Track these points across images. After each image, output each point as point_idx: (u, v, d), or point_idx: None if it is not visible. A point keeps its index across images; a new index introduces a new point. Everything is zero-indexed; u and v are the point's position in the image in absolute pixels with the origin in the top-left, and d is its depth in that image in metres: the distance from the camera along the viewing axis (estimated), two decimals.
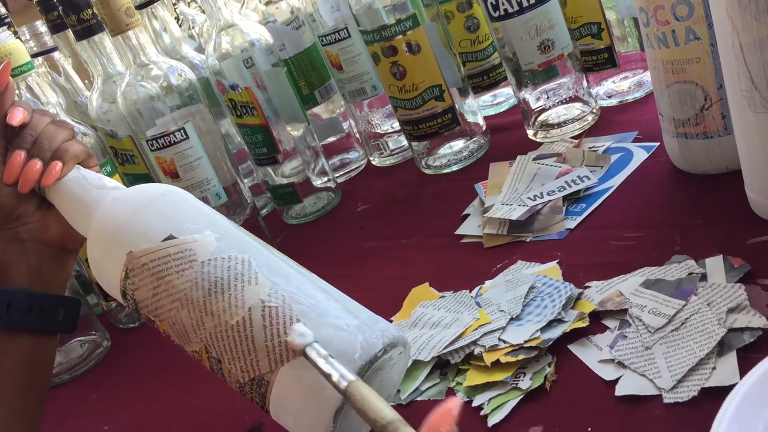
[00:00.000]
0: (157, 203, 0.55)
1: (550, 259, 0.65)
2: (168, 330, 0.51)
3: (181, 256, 0.52)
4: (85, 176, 0.59)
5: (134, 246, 0.52)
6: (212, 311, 0.49)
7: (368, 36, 0.86)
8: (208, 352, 0.50)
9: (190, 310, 0.50)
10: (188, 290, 0.50)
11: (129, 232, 0.53)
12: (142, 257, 0.52)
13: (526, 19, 0.81)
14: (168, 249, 0.52)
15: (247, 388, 0.49)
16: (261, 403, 0.49)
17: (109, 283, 0.55)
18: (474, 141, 0.92)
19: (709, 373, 0.47)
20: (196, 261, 0.51)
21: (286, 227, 0.96)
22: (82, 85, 1.02)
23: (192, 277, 0.51)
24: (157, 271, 0.52)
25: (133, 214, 0.54)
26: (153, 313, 0.52)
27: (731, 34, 0.53)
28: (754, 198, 0.60)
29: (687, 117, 0.66)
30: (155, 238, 0.53)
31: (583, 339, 0.55)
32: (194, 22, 1.13)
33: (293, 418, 0.48)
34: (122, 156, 0.93)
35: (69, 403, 0.79)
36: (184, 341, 0.51)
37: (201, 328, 0.50)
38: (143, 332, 0.88)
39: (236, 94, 0.88)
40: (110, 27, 0.80)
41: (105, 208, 0.56)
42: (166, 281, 0.51)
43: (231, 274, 0.51)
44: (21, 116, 0.58)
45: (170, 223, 0.54)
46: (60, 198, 0.58)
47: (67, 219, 0.59)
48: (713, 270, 0.55)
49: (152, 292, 0.51)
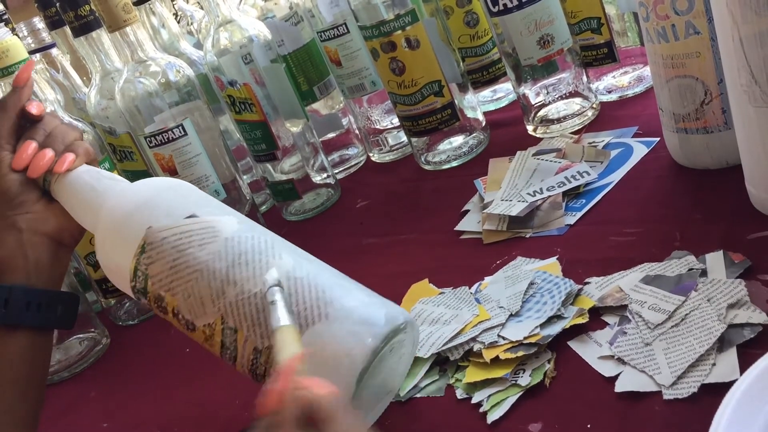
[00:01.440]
0: (177, 188, 0.58)
1: (550, 255, 0.65)
2: (180, 305, 0.52)
3: (204, 232, 0.53)
4: (97, 170, 0.61)
5: (155, 222, 0.54)
6: (235, 280, 0.50)
7: (367, 31, 0.86)
8: (224, 322, 0.50)
9: (210, 280, 0.51)
10: (210, 261, 0.51)
11: (150, 209, 0.55)
12: (163, 231, 0.53)
13: (526, 14, 0.81)
14: (191, 226, 0.53)
15: (263, 359, 0.49)
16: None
17: (118, 263, 0.55)
18: (473, 137, 0.91)
19: (709, 370, 0.47)
20: (220, 236, 0.53)
21: (285, 224, 0.96)
22: (80, 81, 1.02)
23: (215, 249, 0.52)
24: (178, 245, 0.52)
25: (156, 194, 0.56)
26: (166, 287, 0.52)
27: (731, 28, 0.53)
28: (754, 193, 0.59)
29: (687, 112, 0.66)
30: (178, 215, 0.54)
31: (582, 335, 0.55)
32: (192, 18, 1.13)
33: None
34: (120, 153, 0.92)
35: (68, 400, 0.79)
36: (197, 314, 0.51)
37: (221, 298, 0.50)
38: (142, 329, 0.88)
39: (235, 90, 0.87)
40: (108, 23, 0.80)
41: (124, 189, 0.58)
42: (186, 253, 0.52)
43: (255, 249, 0.52)
44: (38, 108, 0.62)
45: (192, 204, 0.56)
46: (68, 188, 0.60)
47: (71, 210, 0.60)
48: (713, 265, 0.55)
49: (170, 265, 0.52)
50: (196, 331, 0.52)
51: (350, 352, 0.47)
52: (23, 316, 0.57)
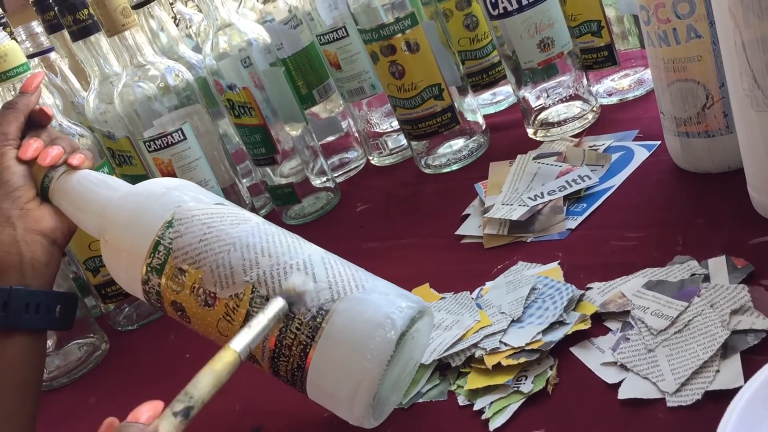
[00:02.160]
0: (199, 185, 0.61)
1: (551, 260, 0.65)
2: (204, 277, 0.52)
3: (235, 216, 0.56)
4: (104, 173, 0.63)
5: (183, 204, 0.56)
6: (270, 253, 0.53)
7: (367, 35, 0.85)
8: (255, 291, 0.51)
9: (244, 252, 0.52)
10: (244, 237, 0.53)
11: (179, 193, 0.57)
12: (194, 210, 0.55)
13: (526, 17, 0.81)
14: (222, 209, 0.56)
15: (295, 324, 0.50)
16: (308, 340, 0.50)
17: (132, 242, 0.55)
18: (473, 140, 0.91)
19: (712, 376, 0.47)
20: (251, 221, 0.56)
21: (285, 228, 0.95)
22: (79, 86, 1.02)
23: (248, 229, 0.54)
24: (209, 222, 0.54)
25: (182, 183, 0.59)
26: (192, 259, 0.53)
27: (733, 32, 0.53)
28: (756, 197, 0.59)
29: (688, 116, 0.65)
30: (207, 201, 0.57)
31: (585, 341, 0.55)
32: (191, 22, 1.13)
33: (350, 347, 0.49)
34: (119, 157, 0.92)
35: (67, 406, 0.79)
36: (223, 285, 0.52)
37: (254, 267, 0.52)
38: (142, 335, 0.88)
39: (234, 94, 0.87)
40: (106, 27, 0.80)
41: (145, 183, 0.60)
42: (218, 229, 0.54)
43: (286, 234, 0.56)
44: (49, 111, 0.64)
45: (217, 197, 0.59)
46: (75, 186, 0.61)
47: (73, 207, 0.61)
48: (716, 271, 0.55)
49: (199, 238, 0.53)
50: (215, 306, 0.52)
51: (391, 315, 0.49)
52: (22, 319, 0.57)
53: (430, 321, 0.55)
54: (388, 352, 0.48)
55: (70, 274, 0.90)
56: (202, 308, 0.53)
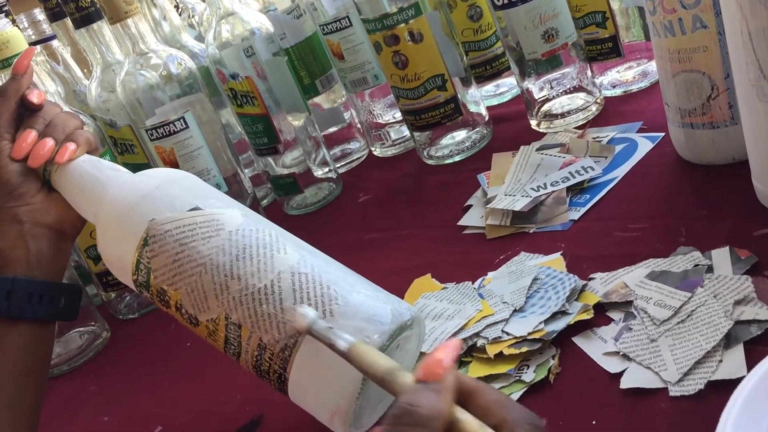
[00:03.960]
0: (181, 180, 0.57)
1: (554, 251, 0.65)
2: (183, 299, 0.51)
3: (207, 225, 0.52)
4: (98, 159, 0.60)
5: (157, 215, 0.53)
6: (239, 275, 0.49)
7: (370, 25, 0.85)
8: (228, 318, 0.49)
9: (214, 275, 0.50)
10: (214, 255, 0.50)
11: (153, 201, 0.54)
12: (166, 224, 0.52)
13: (530, 7, 0.80)
14: (194, 218, 0.52)
15: (267, 354, 0.48)
16: (281, 370, 0.48)
17: (120, 255, 0.54)
18: (476, 131, 0.91)
19: (715, 366, 0.47)
20: (224, 230, 0.52)
21: (286, 218, 0.95)
22: (81, 74, 1.01)
23: (219, 243, 0.51)
24: (181, 238, 0.51)
25: (158, 186, 0.55)
26: (169, 281, 0.51)
27: (740, 22, 0.52)
28: (761, 189, 0.59)
29: (693, 107, 0.65)
30: (181, 208, 0.53)
31: (587, 331, 0.54)
32: (194, 11, 1.12)
33: (318, 382, 0.48)
34: (121, 145, 0.92)
35: (68, 394, 0.79)
36: (200, 309, 0.50)
37: (224, 293, 0.49)
38: (143, 323, 0.88)
39: (236, 83, 0.87)
40: (109, 15, 0.79)
41: (126, 181, 0.57)
42: (190, 247, 0.51)
43: (260, 243, 0.51)
44: (39, 97, 0.60)
45: (196, 196, 0.55)
46: (69, 178, 0.59)
47: (72, 200, 0.59)
48: (719, 262, 0.55)
49: (173, 258, 0.51)
50: (199, 326, 0.51)
51: None
52: (26, 309, 0.57)
53: (417, 330, 0.52)
54: (355, 388, 0.47)
55: (71, 262, 0.90)
56: (190, 325, 0.52)
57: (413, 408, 0.34)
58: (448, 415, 0.35)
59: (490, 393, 0.36)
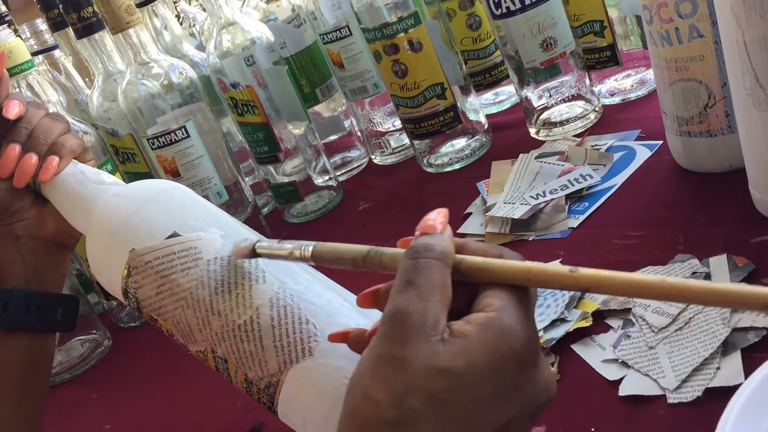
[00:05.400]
0: (159, 199, 0.54)
1: (553, 258, 0.65)
2: (172, 329, 0.51)
3: (186, 255, 0.51)
4: (83, 171, 0.58)
5: (137, 243, 0.51)
6: (219, 310, 0.49)
7: (370, 34, 0.86)
8: (214, 352, 0.49)
9: (195, 309, 0.49)
10: (194, 289, 0.49)
11: (131, 229, 0.52)
12: (146, 255, 0.51)
13: (529, 16, 0.81)
14: (172, 247, 0.51)
15: (255, 389, 0.48)
16: (269, 404, 0.49)
17: (109, 280, 0.54)
18: (476, 139, 0.91)
19: (713, 373, 0.47)
20: (202, 259, 0.50)
21: (287, 226, 0.96)
22: (83, 83, 1.02)
23: (198, 275, 0.50)
24: (161, 269, 0.51)
25: (136, 211, 0.53)
26: (156, 312, 0.51)
27: (736, 32, 0.53)
28: (758, 196, 0.59)
29: (690, 115, 0.66)
30: (159, 235, 0.52)
31: (586, 338, 0.55)
32: (195, 20, 1.13)
33: (303, 419, 0.48)
34: (123, 154, 0.92)
35: (70, 402, 0.79)
36: (188, 341, 0.50)
37: (207, 328, 0.49)
38: (144, 331, 0.88)
39: (237, 92, 0.87)
40: (111, 25, 0.80)
41: (105, 204, 0.55)
42: (170, 280, 0.50)
43: (238, 273, 0.50)
44: (17, 109, 0.57)
45: (174, 219, 0.53)
46: (57, 194, 0.57)
47: (64, 215, 0.58)
48: (717, 269, 0.55)
49: (156, 291, 0.51)
50: (192, 353, 0.52)
51: (336, 391, 0.45)
52: (23, 319, 0.57)
53: None
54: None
55: (72, 270, 0.90)
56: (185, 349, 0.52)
57: (429, 245, 0.37)
58: (454, 256, 0.37)
59: (476, 242, 0.39)
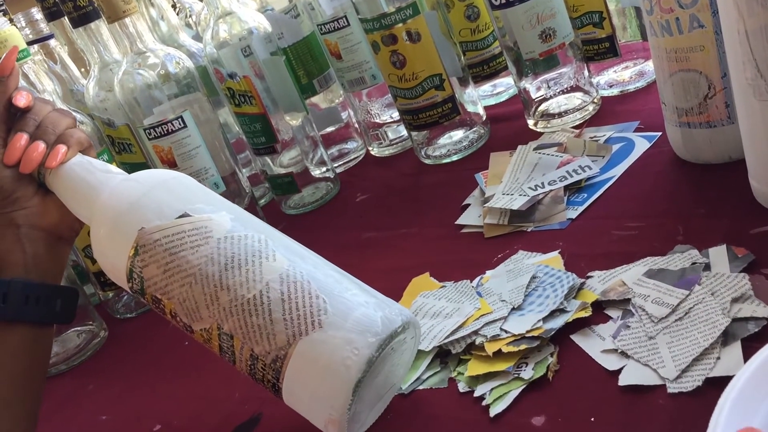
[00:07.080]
0: (169, 184, 0.56)
1: (552, 249, 0.65)
2: (176, 308, 0.51)
3: (196, 233, 0.52)
4: (90, 161, 0.59)
5: (146, 223, 0.52)
6: (228, 285, 0.49)
7: (368, 24, 0.85)
8: (220, 328, 0.49)
9: (204, 285, 0.50)
10: (203, 265, 0.50)
11: (141, 209, 0.53)
12: (155, 233, 0.52)
13: (528, 7, 0.81)
14: (183, 225, 0.52)
15: (260, 365, 0.48)
16: (274, 380, 0.48)
17: (113, 263, 0.54)
18: (474, 131, 0.91)
19: (713, 363, 0.47)
20: (212, 237, 0.51)
21: (284, 217, 0.95)
22: (79, 73, 1.01)
23: (207, 252, 0.50)
24: (170, 247, 0.51)
25: (146, 192, 0.54)
26: (162, 290, 0.51)
27: (737, 22, 0.53)
28: (757, 187, 0.59)
29: (690, 106, 0.65)
30: (169, 215, 0.53)
31: (585, 329, 0.55)
32: (191, 10, 1.12)
33: (310, 393, 0.48)
34: (119, 145, 0.92)
35: (66, 393, 0.79)
36: (193, 319, 0.50)
37: (215, 303, 0.49)
38: (141, 322, 0.88)
39: (234, 82, 0.87)
40: (107, 14, 0.79)
41: (115, 188, 0.56)
42: (179, 257, 0.51)
43: (248, 251, 0.51)
44: (26, 99, 0.59)
45: (184, 201, 0.54)
46: (62, 182, 0.58)
47: (67, 204, 0.59)
48: (717, 260, 0.55)
49: (163, 269, 0.51)
50: (194, 334, 0.51)
51: (345, 361, 0.47)
52: (22, 310, 0.57)
53: (413, 331, 0.52)
54: (346, 399, 0.47)
55: (69, 261, 0.90)
56: (186, 332, 0.52)
57: None
58: None
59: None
